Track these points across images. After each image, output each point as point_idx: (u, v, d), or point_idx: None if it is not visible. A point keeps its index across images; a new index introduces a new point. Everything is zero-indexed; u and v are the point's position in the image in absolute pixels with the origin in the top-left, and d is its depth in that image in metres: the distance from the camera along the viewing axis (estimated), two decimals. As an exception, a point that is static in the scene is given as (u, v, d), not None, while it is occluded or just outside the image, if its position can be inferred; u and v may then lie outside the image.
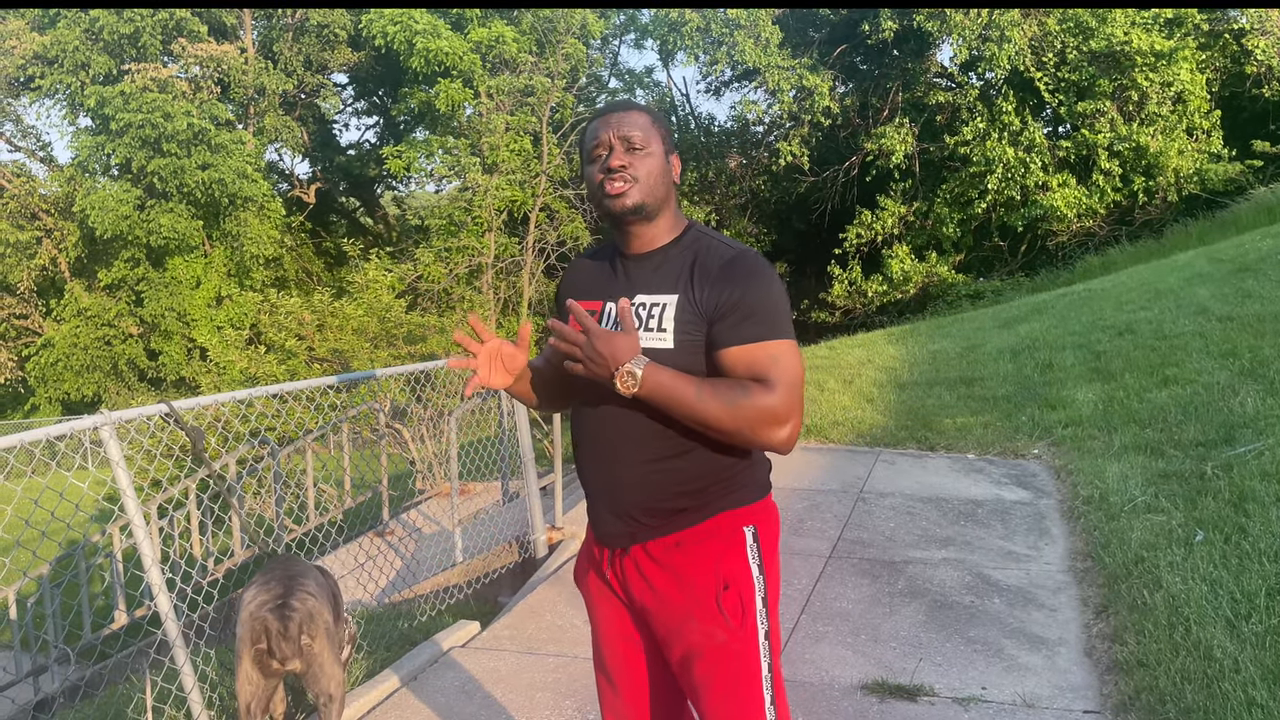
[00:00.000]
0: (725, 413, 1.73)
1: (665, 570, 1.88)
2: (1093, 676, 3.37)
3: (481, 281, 22.14)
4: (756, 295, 1.80)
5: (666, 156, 1.91)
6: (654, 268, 1.90)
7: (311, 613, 2.95)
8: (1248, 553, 3.73)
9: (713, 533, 1.87)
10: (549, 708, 3.46)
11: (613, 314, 1.91)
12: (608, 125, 1.89)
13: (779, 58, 19.72)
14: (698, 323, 1.81)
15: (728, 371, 1.79)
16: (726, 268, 1.82)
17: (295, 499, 6.96)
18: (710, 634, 1.84)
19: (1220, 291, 8.60)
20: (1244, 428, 5.15)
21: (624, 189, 1.85)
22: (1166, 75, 16.90)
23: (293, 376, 15.32)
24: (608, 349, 1.73)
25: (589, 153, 1.91)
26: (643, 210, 1.87)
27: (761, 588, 1.88)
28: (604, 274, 1.99)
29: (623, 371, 1.73)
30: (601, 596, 2.02)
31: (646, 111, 1.93)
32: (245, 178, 21.49)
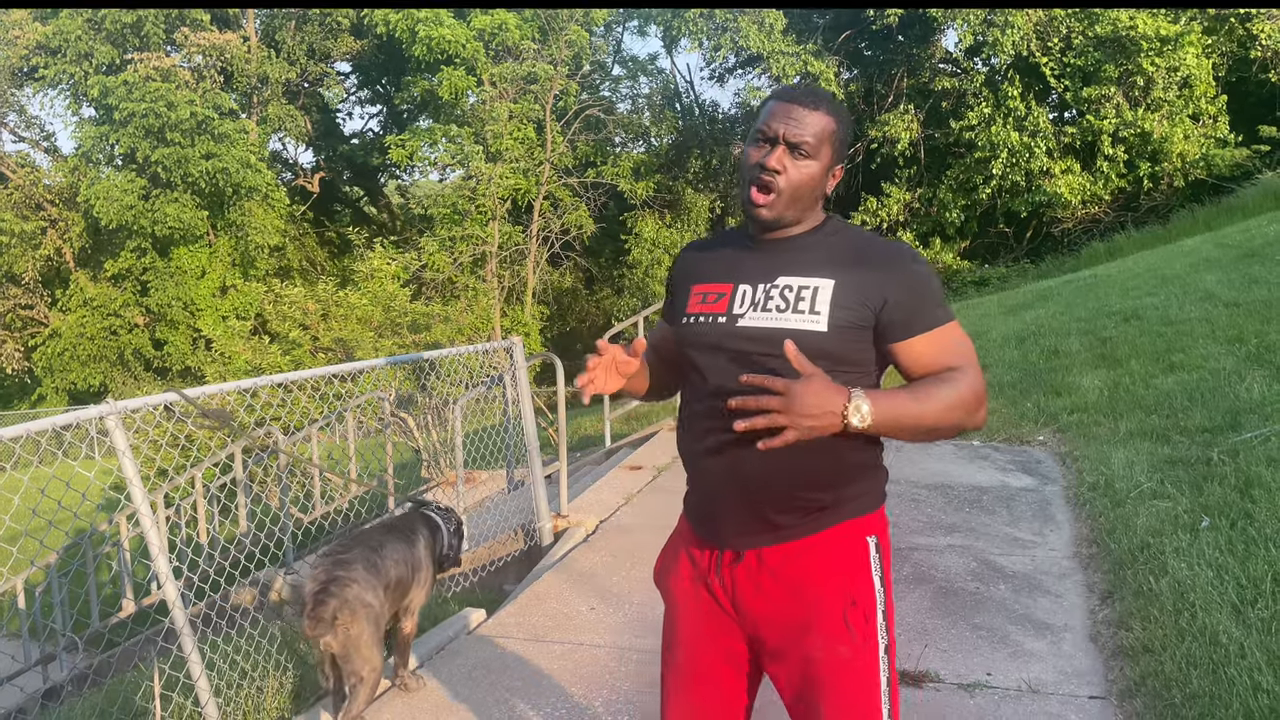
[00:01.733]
0: (945, 411, 1.68)
1: (785, 582, 1.79)
2: (1098, 662, 3.37)
3: (486, 270, 22.14)
4: (929, 283, 1.76)
5: (829, 169, 1.80)
6: (796, 252, 1.81)
7: (348, 600, 3.10)
8: (1254, 539, 3.72)
9: (837, 543, 1.78)
10: (555, 694, 3.47)
11: (747, 296, 1.80)
12: (784, 117, 1.76)
13: (783, 44, 19.64)
14: (860, 309, 1.72)
15: (914, 359, 1.73)
16: (894, 256, 1.76)
17: (301, 488, 6.99)
18: (833, 649, 1.75)
19: (1227, 277, 8.56)
20: (1250, 413, 5.13)
21: (767, 201, 1.77)
22: (1172, 60, 16.80)
23: (297, 366, 15.36)
24: (819, 397, 1.59)
25: (756, 128, 1.80)
26: (779, 224, 1.80)
27: (882, 601, 1.79)
28: (732, 256, 1.88)
29: (850, 409, 1.60)
30: (692, 600, 1.90)
31: (833, 117, 1.78)
32: (249, 167, 21.50)
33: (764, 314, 1.76)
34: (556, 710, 3.36)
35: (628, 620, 4.10)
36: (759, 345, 1.74)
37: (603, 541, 5.14)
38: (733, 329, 1.78)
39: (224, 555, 6.13)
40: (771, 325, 1.74)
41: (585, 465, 7.76)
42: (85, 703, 4.32)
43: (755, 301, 1.78)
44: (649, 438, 7.43)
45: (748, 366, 1.72)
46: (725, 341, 1.78)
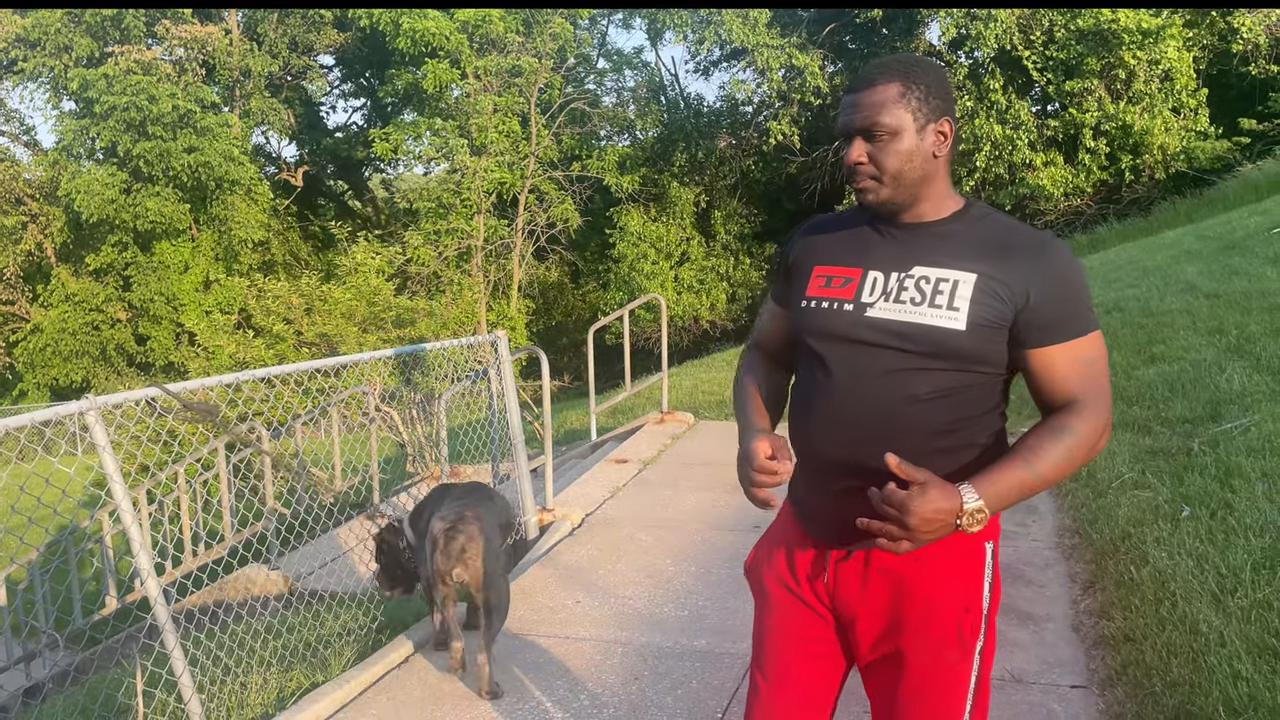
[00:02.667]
0: (1063, 465, 1.59)
1: (900, 583, 1.71)
2: (1080, 651, 3.39)
3: (471, 265, 22.07)
4: (1075, 288, 1.63)
5: (924, 129, 1.64)
6: (936, 239, 1.67)
7: (474, 535, 3.49)
8: (1233, 528, 3.75)
9: (958, 545, 1.68)
10: (540, 688, 3.47)
11: (878, 284, 1.68)
12: (848, 109, 1.67)
13: (767, 36, 19.64)
14: (1002, 308, 1.60)
15: (1046, 371, 1.63)
16: (1042, 252, 1.62)
17: (285, 483, 6.95)
18: (940, 655, 1.70)
19: (1208, 269, 8.62)
20: (1230, 404, 5.17)
21: (868, 186, 1.66)
22: (1154, 53, 16.89)
23: (281, 361, 15.27)
24: (935, 510, 1.52)
25: (838, 131, 1.71)
26: (892, 205, 1.67)
27: (988, 606, 1.73)
28: (861, 238, 1.75)
29: (965, 520, 1.53)
30: (788, 597, 1.84)
31: (895, 80, 1.63)
32: (232, 161, 21.35)
33: (897, 305, 1.64)
34: (542, 703, 3.36)
35: (614, 613, 4.10)
36: (889, 339, 1.64)
37: (588, 535, 5.14)
38: (860, 318, 1.67)
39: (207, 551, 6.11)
40: (905, 319, 1.63)
41: (571, 459, 7.75)
42: (68, 700, 4.29)
43: (887, 291, 1.66)
44: (634, 431, 7.43)
45: (868, 361, 1.65)
46: (852, 331, 1.67)
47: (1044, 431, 1.61)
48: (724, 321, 23.12)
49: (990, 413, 1.70)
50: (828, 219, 1.86)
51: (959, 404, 1.64)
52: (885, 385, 1.64)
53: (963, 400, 1.64)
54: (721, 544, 4.84)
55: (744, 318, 23.08)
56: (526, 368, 18.62)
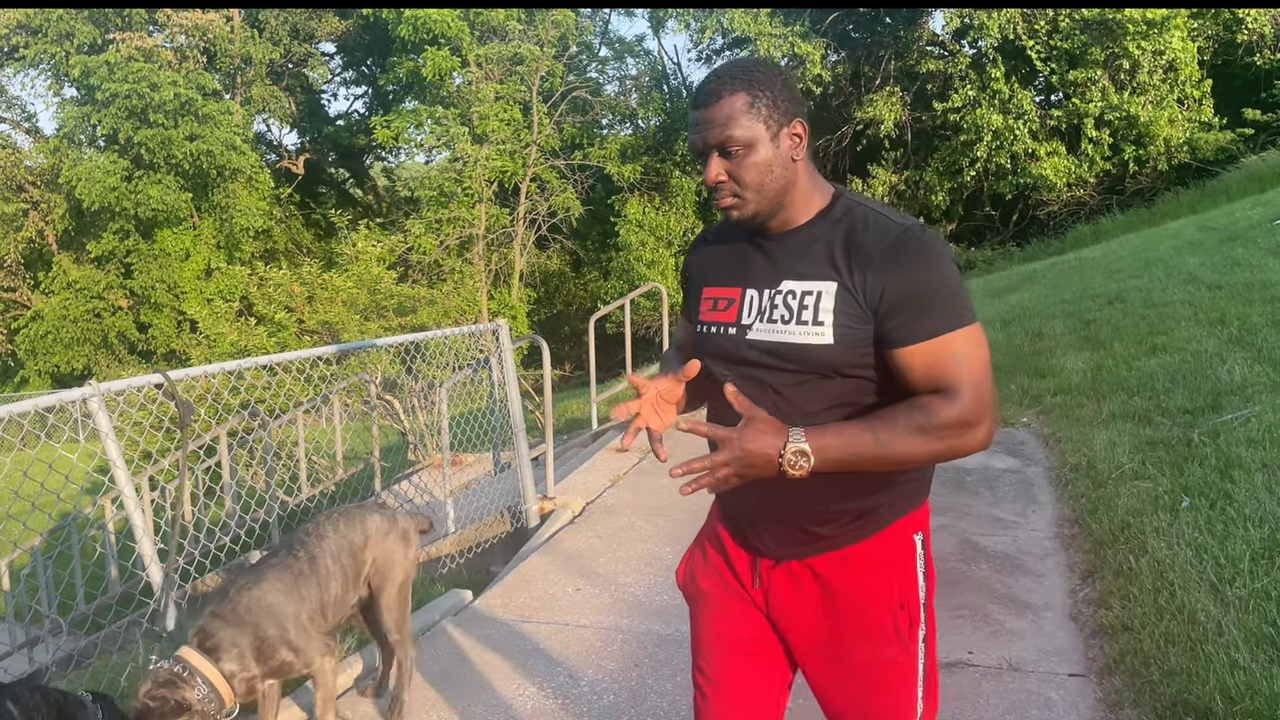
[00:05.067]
0: (914, 444, 1.52)
1: (831, 588, 1.71)
2: (1078, 640, 3.41)
3: (473, 253, 22.06)
4: (932, 280, 1.55)
5: (777, 136, 1.60)
6: (801, 248, 1.64)
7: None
8: (1233, 518, 3.76)
9: (883, 547, 1.70)
10: (541, 675, 3.49)
11: (753, 303, 1.67)
12: (696, 127, 1.62)
13: (770, 25, 19.58)
14: (862, 314, 1.57)
15: (905, 371, 1.57)
16: (894, 249, 1.56)
17: (287, 470, 6.98)
18: (879, 651, 1.71)
19: (1210, 260, 8.61)
20: (1231, 395, 5.18)
21: (732, 203, 1.63)
22: (1158, 43, 16.83)
23: (283, 349, 15.29)
24: (756, 445, 1.51)
25: (690, 151, 1.69)
26: (759, 217, 1.65)
27: (924, 595, 1.73)
28: (739, 255, 1.74)
29: (788, 456, 1.51)
30: (724, 603, 1.84)
31: (740, 90, 1.59)
32: (233, 149, 21.34)
33: (770, 325, 1.64)
34: (543, 690, 3.38)
35: (614, 601, 4.12)
36: (771, 359, 1.64)
37: (589, 523, 5.16)
38: (743, 341, 1.67)
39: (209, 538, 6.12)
40: (778, 339, 1.63)
41: (572, 447, 7.77)
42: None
43: (762, 310, 1.66)
44: (635, 420, 7.43)
45: (758, 383, 1.65)
46: (738, 354, 1.68)
47: (900, 406, 1.55)
48: (725, 311, 23.08)
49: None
50: (714, 231, 1.84)
51: (852, 411, 1.61)
52: (781, 403, 1.63)
53: (855, 408, 1.61)
54: (722, 532, 4.85)
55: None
56: (528, 356, 18.63)
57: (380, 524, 3.22)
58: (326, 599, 2.99)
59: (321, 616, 2.96)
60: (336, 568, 3.04)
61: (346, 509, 3.25)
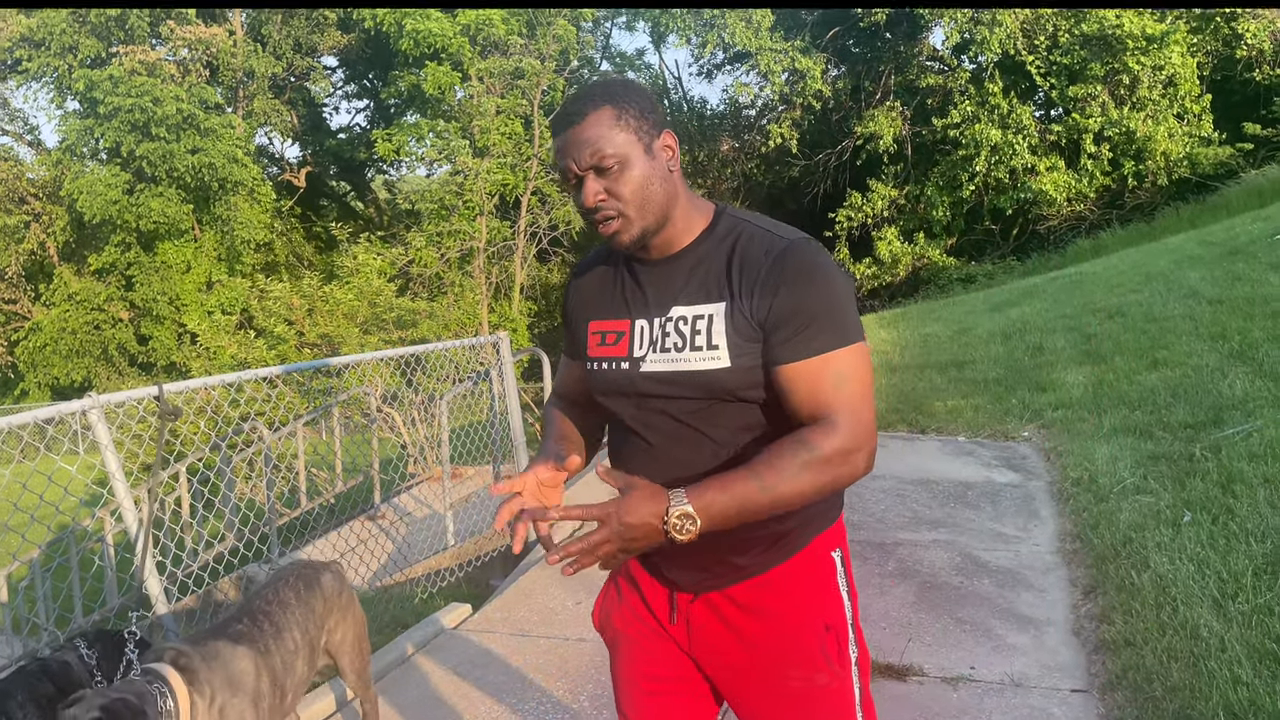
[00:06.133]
0: (800, 482, 1.45)
1: (752, 616, 1.64)
2: (1080, 656, 3.39)
3: (473, 266, 22.09)
4: (817, 297, 1.49)
5: (649, 149, 1.53)
6: (687, 271, 1.58)
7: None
8: (1235, 533, 3.75)
9: (802, 568, 1.63)
10: (541, 689, 3.47)
11: (644, 334, 1.60)
12: (564, 153, 1.53)
13: (770, 40, 19.66)
14: (752, 334, 1.51)
15: (787, 391, 1.50)
16: (778, 265, 1.50)
17: (286, 483, 6.96)
18: (811, 679, 1.63)
19: (1210, 274, 8.62)
20: (1232, 410, 5.17)
21: (615, 228, 1.54)
22: (1158, 59, 16.90)
23: (283, 362, 15.29)
24: (634, 517, 1.41)
25: (560, 175, 1.58)
26: (646, 236, 1.57)
27: (850, 615, 1.67)
28: (622, 284, 1.66)
29: (672, 521, 1.41)
30: (641, 643, 1.75)
31: (604, 104, 1.52)
32: (235, 162, 21.41)
33: (664, 355, 1.57)
34: (542, 705, 3.36)
35: (613, 615, 4.10)
36: (668, 389, 1.56)
37: (589, 537, 5.14)
38: (637, 374, 1.59)
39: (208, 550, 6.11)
40: (673, 368, 1.56)
41: (572, 461, 7.75)
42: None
43: (654, 339, 1.59)
44: (636, 433, 7.43)
45: (658, 413, 1.58)
46: (633, 387, 1.60)
47: (784, 445, 1.47)
48: (725, 324, 23.12)
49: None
50: (593, 259, 1.76)
51: (759, 435, 1.55)
52: (684, 433, 1.57)
53: (762, 431, 1.55)
54: (722, 546, 4.84)
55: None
56: (528, 369, 18.63)
57: (332, 583, 3.01)
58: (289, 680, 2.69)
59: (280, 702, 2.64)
60: (304, 641, 2.78)
61: (299, 570, 2.97)
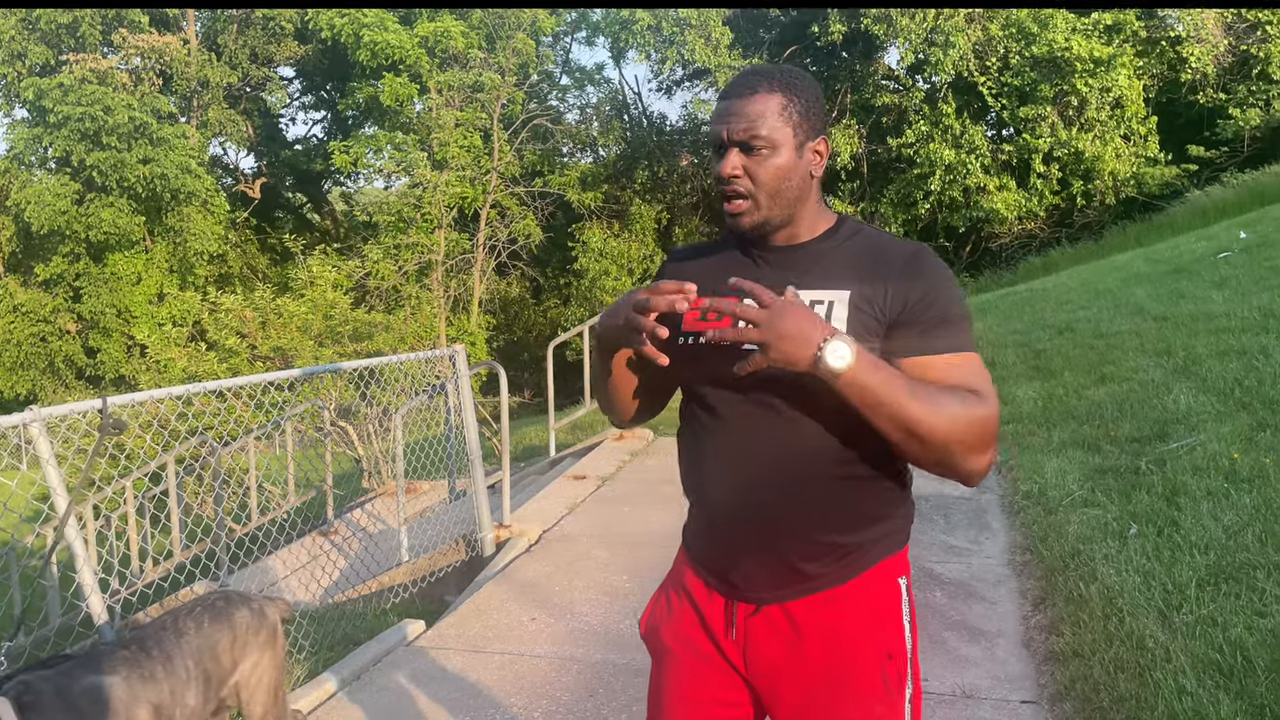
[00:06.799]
0: (940, 420, 1.42)
1: (815, 636, 1.58)
2: (1030, 667, 3.43)
3: (431, 279, 21.96)
4: (950, 299, 1.51)
5: (802, 146, 1.54)
6: (808, 261, 1.57)
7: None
8: (1179, 545, 3.82)
9: (869, 590, 1.58)
10: (494, 706, 3.44)
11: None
12: (724, 117, 1.52)
13: (729, 58, 19.84)
14: (876, 325, 1.50)
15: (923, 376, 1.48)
16: (915, 262, 1.52)
17: (236, 499, 6.85)
18: (869, 709, 1.57)
19: (1156, 292, 8.81)
20: (1177, 424, 5.28)
21: (741, 207, 1.54)
22: (1105, 81, 17.31)
23: (234, 375, 15.06)
24: (799, 321, 1.38)
25: (709, 139, 1.58)
26: (767, 226, 1.56)
27: (910, 648, 1.61)
28: (734, 264, 1.62)
29: (831, 344, 1.37)
30: (689, 664, 1.68)
31: (777, 90, 1.52)
32: (188, 172, 21.08)
33: None
34: (495, 721, 3.33)
35: (570, 630, 4.08)
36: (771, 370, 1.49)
37: (545, 551, 5.12)
38: (740, 351, 1.52)
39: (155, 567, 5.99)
40: None
41: (529, 475, 7.72)
42: None
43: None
44: (594, 447, 7.42)
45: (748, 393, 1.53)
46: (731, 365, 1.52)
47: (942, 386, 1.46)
48: (684, 339, 23.17)
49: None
50: (699, 246, 1.75)
51: (852, 429, 1.50)
52: (774, 419, 1.52)
53: (858, 427, 1.50)
54: (678, 561, 4.83)
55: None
56: (486, 383, 18.53)
57: (248, 620, 2.81)
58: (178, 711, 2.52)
59: None
60: (197, 671, 2.60)
61: (210, 600, 2.81)
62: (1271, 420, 4.88)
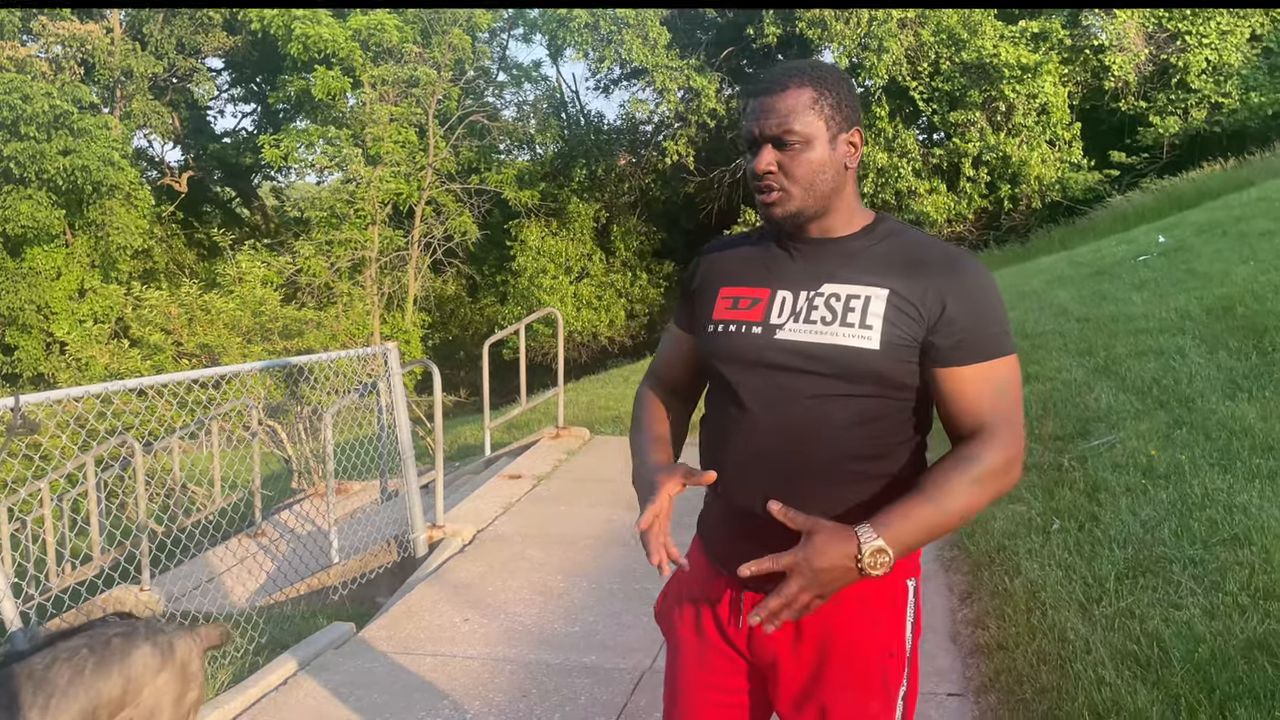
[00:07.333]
0: (971, 498, 1.49)
1: (818, 630, 1.60)
2: (957, 660, 3.49)
3: (365, 276, 21.62)
4: (989, 303, 1.53)
5: (835, 139, 1.54)
6: (845, 255, 1.57)
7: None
8: (1099, 540, 3.93)
9: (878, 587, 1.58)
10: (424, 708, 3.39)
11: (786, 304, 1.57)
12: (755, 114, 1.54)
13: (666, 58, 19.90)
14: (913, 325, 1.51)
15: (956, 393, 1.52)
16: (957, 265, 1.53)
17: (156, 501, 6.66)
18: (864, 705, 1.60)
19: (1079, 293, 9.04)
20: (1098, 422, 5.43)
21: (775, 199, 1.55)
22: (1032, 88, 17.76)
23: (158, 373, 14.66)
24: (827, 561, 1.42)
25: (741, 137, 1.60)
26: (800, 217, 1.57)
27: (911, 647, 1.65)
28: (768, 257, 1.64)
29: (866, 560, 1.42)
30: (699, 644, 1.71)
31: (807, 85, 1.53)
32: (111, 164, 20.45)
33: (807, 326, 1.54)
34: (426, 724, 3.29)
35: (503, 630, 4.05)
36: (801, 361, 1.53)
37: (479, 552, 5.07)
38: (770, 341, 1.55)
39: (73, 571, 5.80)
40: (816, 340, 1.52)
41: (464, 475, 7.64)
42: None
43: (797, 311, 1.56)
44: (529, 446, 7.38)
45: (779, 387, 1.54)
46: (762, 355, 1.56)
47: (950, 464, 1.51)
48: (622, 338, 23.20)
49: (909, 440, 1.61)
50: (733, 239, 1.76)
51: (877, 430, 1.55)
52: (799, 412, 1.53)
53: (881, 426, 1.55)
54: (614, 559, 4.83)
55: (643, 335, 23.22)
56: (421, 382, 18.31)
57: (149, 660, 2.41)
58: None
59: None
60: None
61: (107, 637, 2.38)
62: (1187, 418, 5.04)
